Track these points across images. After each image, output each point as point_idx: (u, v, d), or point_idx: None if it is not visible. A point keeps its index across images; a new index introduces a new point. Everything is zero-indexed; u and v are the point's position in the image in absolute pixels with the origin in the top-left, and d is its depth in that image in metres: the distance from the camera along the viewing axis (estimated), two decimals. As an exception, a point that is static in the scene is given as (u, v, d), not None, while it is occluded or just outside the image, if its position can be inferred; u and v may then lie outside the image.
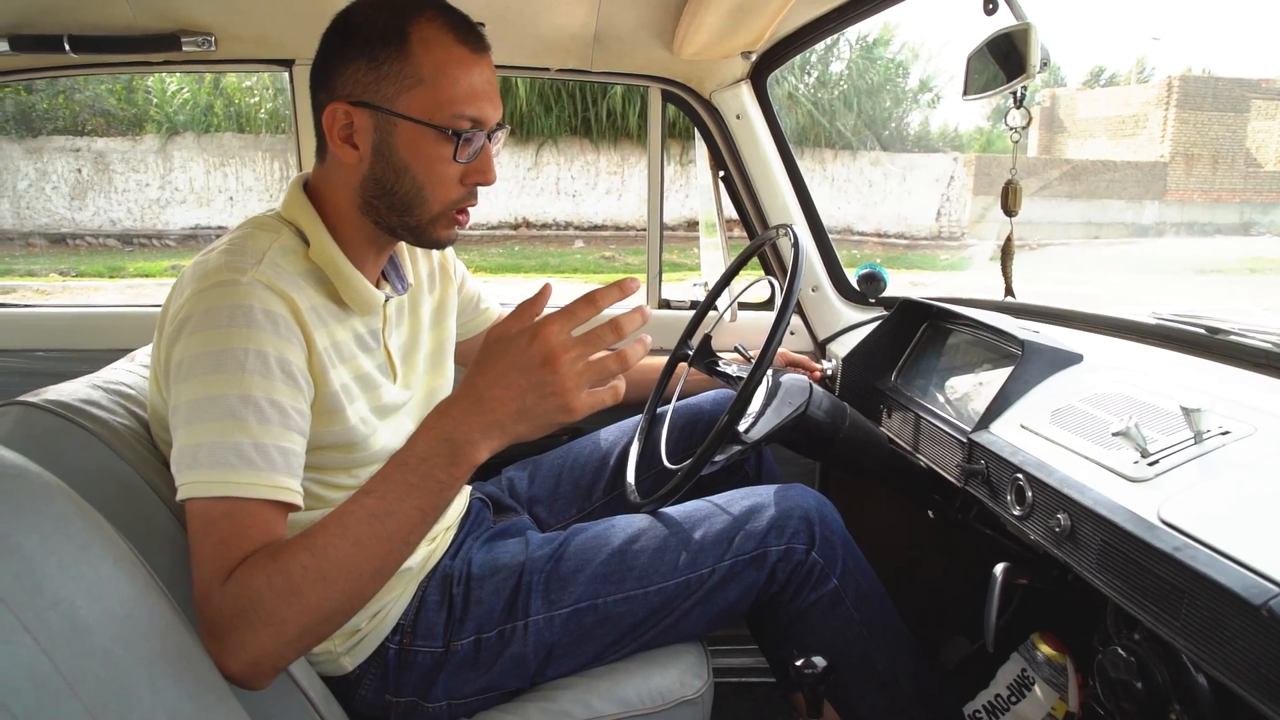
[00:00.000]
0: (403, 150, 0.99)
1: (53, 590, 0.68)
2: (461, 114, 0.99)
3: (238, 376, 0.89)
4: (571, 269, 11.47)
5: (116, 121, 12.21)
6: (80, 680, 0.66)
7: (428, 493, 0.85)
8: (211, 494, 0.86)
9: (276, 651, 0.82)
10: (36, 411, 1.00)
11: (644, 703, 1.15)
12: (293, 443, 0.92)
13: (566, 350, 0.81)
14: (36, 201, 11.69)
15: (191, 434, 0.88)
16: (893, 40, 14.95)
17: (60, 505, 0.74)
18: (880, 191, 13.71)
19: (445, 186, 1.02)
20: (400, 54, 0.97)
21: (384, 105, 0.98)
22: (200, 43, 1.49)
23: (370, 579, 0.85)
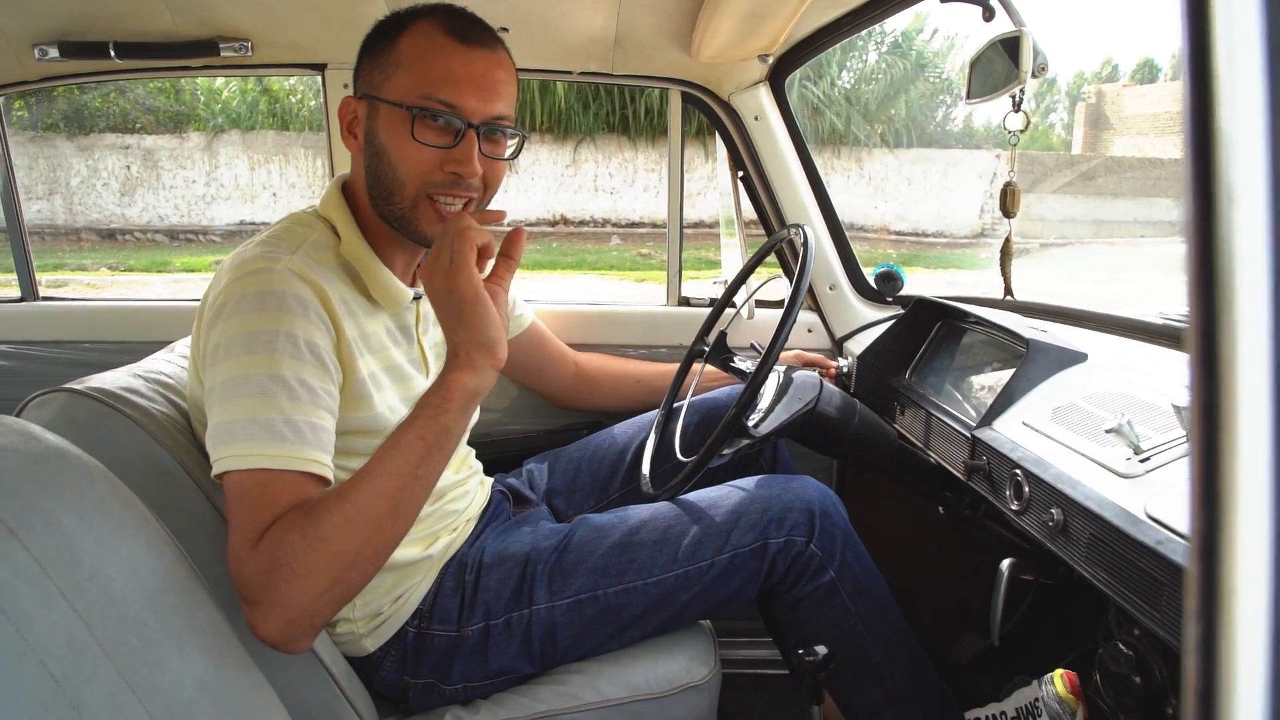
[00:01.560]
0: (381, 133, 1.05)
1: (90, 563, 0.73)
2: (431, 95, 1.02)
3: (269, 356, 0.93)
4: (608, 265, 11.49)
5: (165, 119, 12.49)
6: (114, 647, 0.71)
7: (425, 420, 0.93)
8: (246, 466, 0.91)
9: (309, 605, 0.86)
10: (81, 398, 1.06)
11: (651, 688, 1.18)
12: (322, 420, 0.96)
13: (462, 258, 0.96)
14: (88, 197, 12.00)
15: (226, 411, 0.93)
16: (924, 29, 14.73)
17: (99, 486, 0.80)
18: (920, 189, 13.54)
19: (417, 168, 1.04)
20: (389, 45, 1.04)
21: (372, 92, 1.05)
22: (237, 48, 1.55)
23: (388, 518, 0.91)
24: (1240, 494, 0.22)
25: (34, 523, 0.70)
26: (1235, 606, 0.22)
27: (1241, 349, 0.21)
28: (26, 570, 0.68)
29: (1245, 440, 0.22)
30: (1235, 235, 0.21)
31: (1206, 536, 0.22)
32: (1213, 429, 0.22)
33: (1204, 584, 0.22)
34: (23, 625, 0.65)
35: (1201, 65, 0.22)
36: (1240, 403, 0.22)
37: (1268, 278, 0.21)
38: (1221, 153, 0.21)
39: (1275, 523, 0.22)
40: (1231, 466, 0.22)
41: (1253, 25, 0.21)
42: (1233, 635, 0.22)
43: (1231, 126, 0.21)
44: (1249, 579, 0.22)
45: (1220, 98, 0.21)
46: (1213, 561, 0.22)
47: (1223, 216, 0.21)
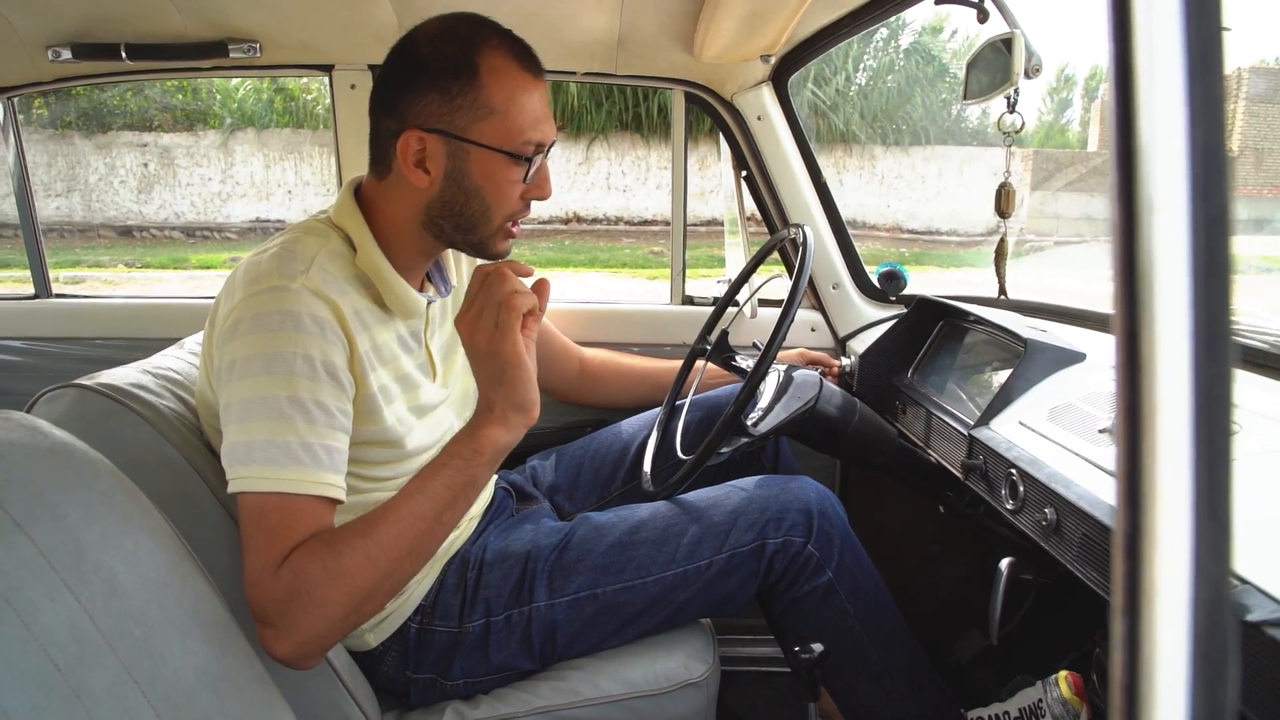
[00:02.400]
0: (475, 175, 1.06)
1: (94, 556, 0.75)
2: (529, 139, 1.05)
3: (286, 379, 0.95)
4: (621, 264, 11.50)
5: (181, 117, 12.59)
6: (117, 637, 0.73)
7: (454, 469, 0.96)
8: (262, 489, 0.93)
9: (325, 631, 0.90)
10: (90, 394, 1.08)
11: (650, 684, 1.19)
12: (337, 441, 0.98)
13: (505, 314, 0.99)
14: (105, 195, 12.10)
15: (243, 431, 0.95)
16: (943, 28, 14.66)
17: (104, 480, 0.82)
18: (934, 187, 13.45)
19: (509, 205, 1.09)
20: (472, 86, 1.03)
21: (459, 134, 1.04)
22: (246, 49, 1.57)
23: (408, 557, 0.95)
24: (1160, 494, 0.22)
25: (40, 515, 0.72)
26: (1156, 603, 0.23)
27: (1161, 353, 0.22)
28: (32, 562, 0.70)
29: (1165, 441, 0.22)
30: (1155, 243, 0.22)
31: (1130, 535, 0.23)
32: (1135, 430, 0.23)
33: (1128, 581, 0.23)
34: (27, 615, 0.67)
35: (1125, 79, 0.22)
36: (1160, 405, 0.22)
37: (1187, 284, 0.22)
38: (1142, 164, 0.22)
39: (1195, 521, 0.23)
40: (1153, 467, 0.22)
41: (1173, 39, 0.22)
42: (1154, 631, 0.23)
43: (1151, 138, 0.22)
44: (1170, 577, 0.23)
45: (1140, 110, 0.22)
46: (1136, 559, 0.23)
47: (1143, 225, 0.22)
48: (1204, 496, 0.22)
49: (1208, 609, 0.23)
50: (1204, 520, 0.22)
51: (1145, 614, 0.23)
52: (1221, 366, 0.23)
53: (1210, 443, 0.23)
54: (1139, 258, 0.22)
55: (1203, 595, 0.23)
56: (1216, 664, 0.23)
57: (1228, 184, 0.23)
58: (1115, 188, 0.23)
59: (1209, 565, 0.23)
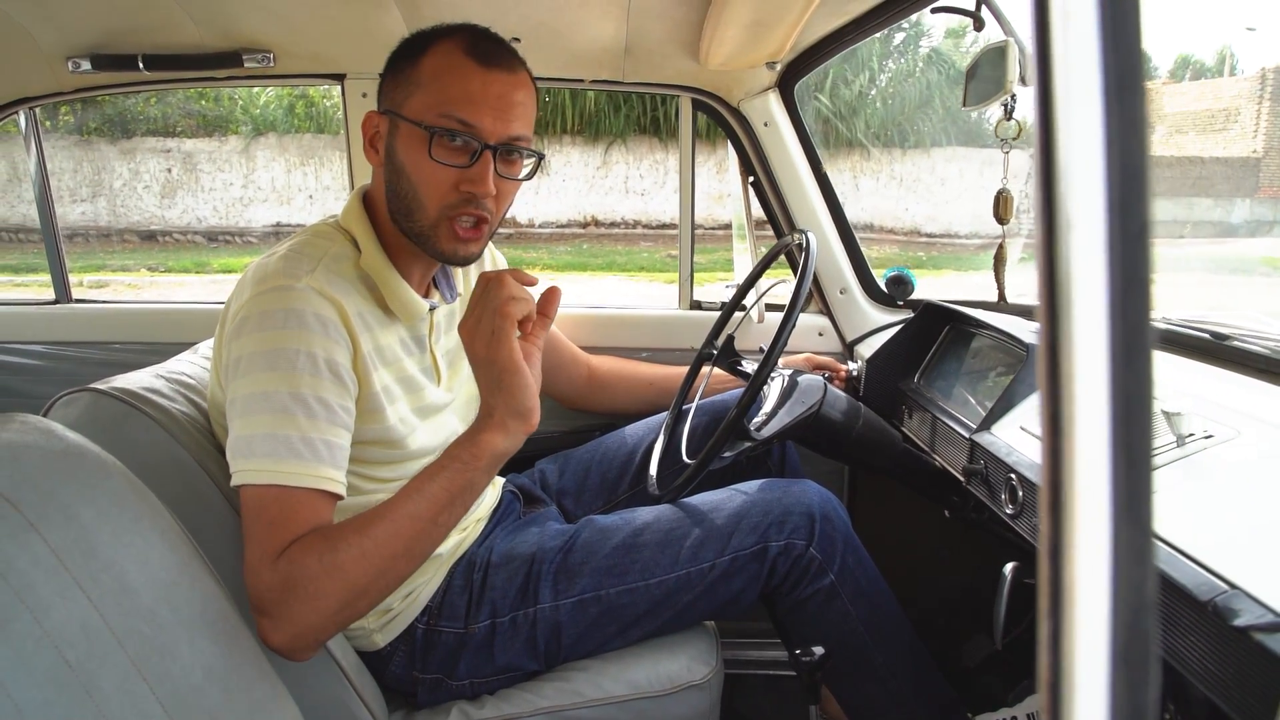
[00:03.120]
0: (400, 150, 1.07)
1: (105, 555, 0.77)
2: (450, 114, 1.04)
3: (289, 375, 0.97)
4: (638, 267, 11.49)
5: (204, 123, 12.73)
6: (127, 635, 0.75)
7: (452, 472, 0.97)
8: (262, 481, 0.95)
9: (318, 624, 0.92)
10: (104, 398, 1.10)
11: (653, 686, 1.20)
12: (338, 437, 1.00)
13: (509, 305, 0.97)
14: (129, 200, 12.22)
15: (246, 425, 0.97)
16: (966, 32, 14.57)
17: (116, 482, 0.84)
18: (954, 189, 13.35)
19: (436, 189, 1.06)
20: (412, 64, 1.06)
21: (393, 109, 1.07)
22: (260, 59, 1.60)
23: (402, 557, 0.95)
24: (1080, 501, 0.23)
25: (53, 516, 0.74)
26: (1077, 606, 0.23)
27: (1079, 366, 0.23)
28: (45, 561, 0.72)
29: (1084, 450, 0.23)
30: (1073, 259, 0.23)
31: (1053, 540, 0.24)
32: (1057, 439, 0.24)
33: (1051, 584, 0.24)
34: (40, 613, 0.69)
35: (1045, 102, 0.23)
36: (1079, 415, 0.23)
37: (1104, 298, 0.23)
38: (1060, 183, 0.23)
39: (1114, 527, 0.24)
40: (1072, 475, 0.23)
41: (1090, 63, 0.23)
42: (1074, 633, 0.23)
43: (1069, 158, 0.23)
44: (1090, 580, 0.24)
45: (1059, 132, 0.23)
46: (1058, 563, 0.24)
47: (1062, 242, 0.23)
48: (1123, 503, 0.23)
49: (1129, 612, 0.24)
50: (1123, 526, 0.23)
51: (1066, 616, 0.24)
52: (1141, 377, 0.23)
53: (1129, 451, 0.23)
54: (1058, 273, 0.23)
55: (1123, 598, 0.24)
56: (1138, 665, 0.24)
57: (1148, 200, 0.24)
58: (1038, 206, 0.24)
59: (1130, 569, 0.24)
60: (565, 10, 1.43)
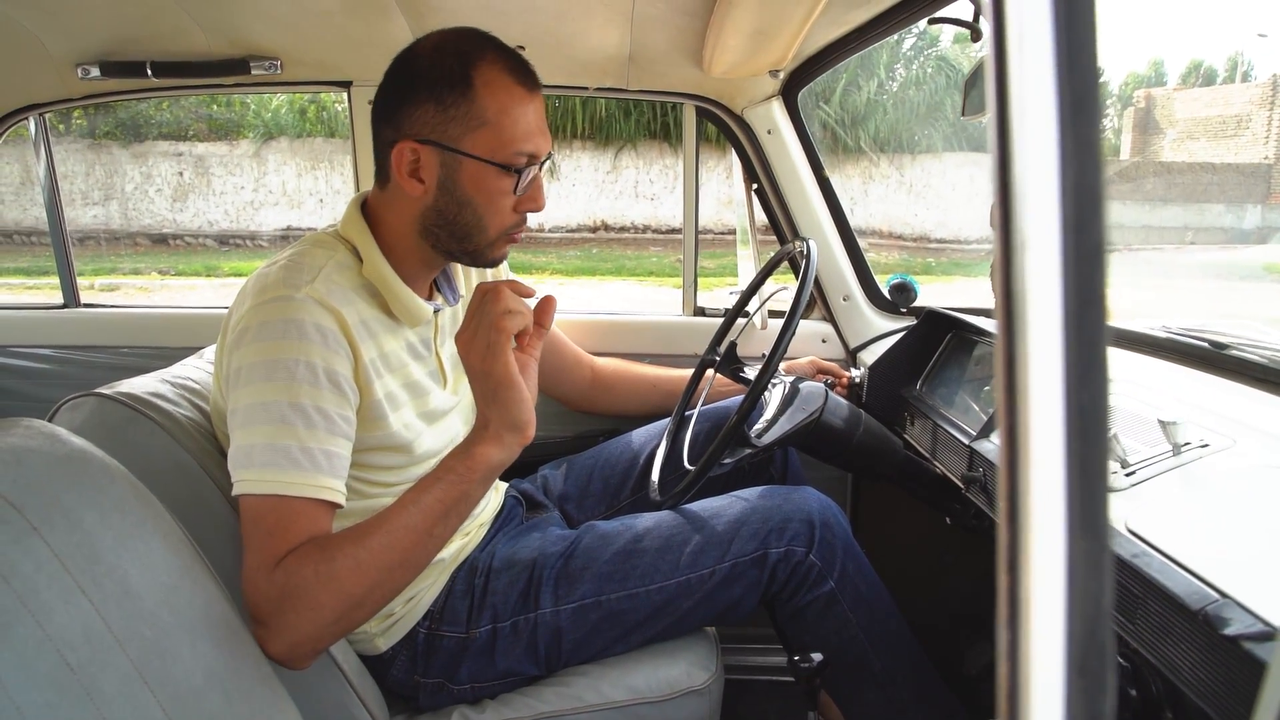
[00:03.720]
0: (466, 185, 1.08)
1: (108, 559, 0.78)
2: (521, 151, 1.07)
3: (288, 385, 0.98)
4: (647, 272, 11.50)
5: (216, 127, 12.80)
6: (128, 638, 0.76)
7: (447, 484, 0.97)
8: (261, 491, 0.96)
9: (315, 634, 0.93)
10: (110, 403, 1.11)
11: (653, 691, 1.20)
12: (337, 446, 1.01)
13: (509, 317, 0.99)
14: (141, 203, 12.30)
15: (246, 436, 0.98)
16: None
17: (119, 487, 0.85)
18: (964, 194, 13.31)
19: (502, 216, 1.10)
20: (466, 97, 1.05)
21: (451, 144, 1.06)
22: (267, 66, 1.62)
23: (398, 568, 0.96)
24: (1035, 513, 0.24)
25: (56, 520, 0.75)
26: (1032, 616, 0.24)
27: (1034, 380, 0.24)
28: (48, 565, 0.73)
29: (1039, 464, 0.24)
30: (1028, 278, 0.24)
31: (1010, 551, 0.24)
32: (1015, 453, 0.24)
33: (1009, 594, 0.24)
34: (42, 616, 0.70)
35: (1002, 123, 0.24)
36: (1034, 429, 0.24)
37: (1059, 316, 0.24)
38: (1016, 203, 0.24)
39: (1069, 538, 0.24)
40: (1028, 488, 0.24)
41: (1046, 86, 0.24)
42: (1029, 643, 0.24)
43: (1024, 179, 0.24)
44: (1045, 591, 0.24)
45: (1014, 153, 0.24)
46: (1015, 574, 0.24)
47: (1017, 261, 0.24)
48: (1078, 515, 0.24)
49: (1084, 622, 0.24)
50: (1078, 537, 0.24)
51: (1023, 626, 0.24)
52: (1096, 392, 0.24)
53: (1084, 464, 0.24)
54: (1014, 291, 0.24)
55: (1079, 609, 0.24)
56: (1094, 675, 0.24)
57: (1102, 221, 0.24)
58: (998, 225, 0.25)
59: (1086, 580, 0.24)
60: (569, 18, 1.44)
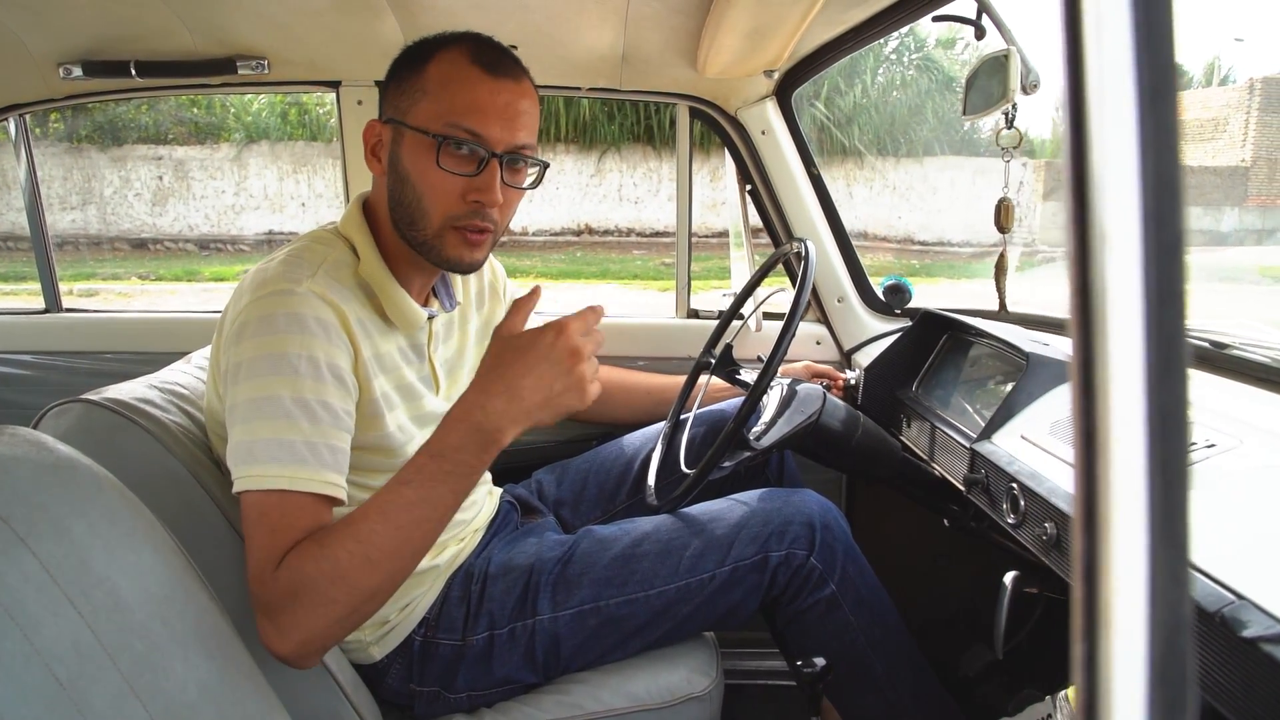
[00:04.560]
0: (405, 159, 1.06)
1: (98, 570, 0.76)
2: (457, 124, 1.03)
3: (292, 379, 0.96)
4: (632, 275, 11.50)
5: (196, 130, 12.69)
6: (119, 651, 0.73)
7: (460, 477, 0.94)
8: (265, 487, 0.94)
9: (326, 630, 0.91)
10: (96, 409, 1.09)
11: (653, 698, 1.19)
12: (341, 441, 0.99)
13: (585, 347, 0.93)
14: (120, 207, 12.15)
15: (248, 431, 0.96)
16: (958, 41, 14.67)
17: (108, 495, 0.83)
18: (946, 198, 13.41)
19: (442, 197, 1.06)
20: (415, 72, 1.06)
21: (396, 118, 1.06)
22: (254, 66, 1.59)
23: (410, 558, 0.94)
24: (1116, 520, 0.23)
25: (43, 531, 0.73)
26: (1113, 628, 0.23)
27: (1115, 381, 0.22)
28: (35, 577, 0.70)
29: (1119, 468, 0.23)
30: (1108, 272, 0.23)
31: (1087, 560, 0.23)
32: (1091, 457, 0.23)
33: (1086, 605, 0.23)
34: (30, 630, 0.68)
35: (1077, 110, 0.23)
36: (1114, 432, 0.23)
37: (1140, 312, 0.22)
38: (1094, 194, 0.23)
39: (1151, 547, 0.23)
40: (1108, 493, 0.23)
41: (1124, 69, 0.23)
42: (1111, 655, 0.23)
43: (1103, 168, 0.22)
44: (1126, 602, 0.23)
45: (1092, 141, 0.22)
46: (1093, 584, 0.23)
47: (1096, 255, 0.23)
48: (1159, 522, 0.23)
49: (1165, 633, 0.23)
50: (1160, 546, 0.23)
51: (1103, 638, 0.23)
52: (1176, 394, 0.23)
53: (1165, 469, 0.23)
54: (1092, 287, 0.23)
55: (1160, 619, 0.23)
56: (1175, 687, 0.23)
57: (1182, 212, 0.23)
58: (1070, 218, 0.23)
59: (1166, 590, 0.23)
60: (563, 18, 1.43)
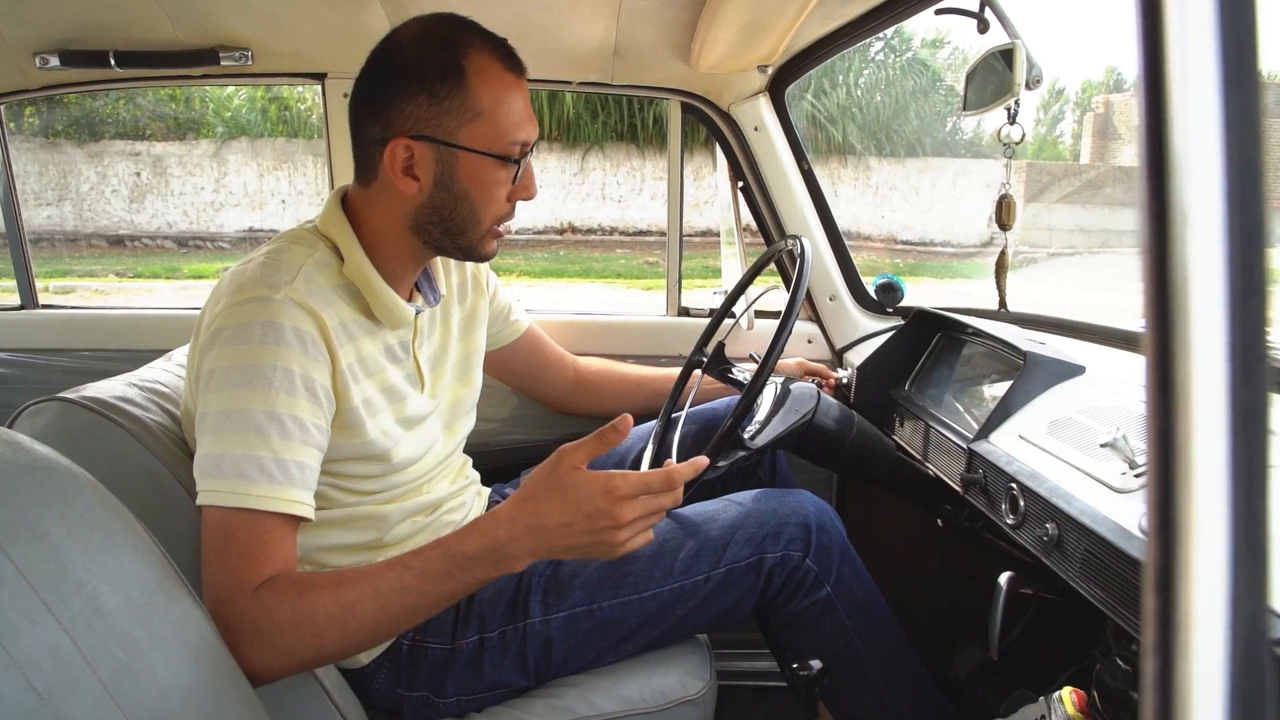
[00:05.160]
0: (464, 180, 1.05)
1: (76, 575, 0.73)
2: (515, 140, 1.05)
3: (265, 392, 0.95)
4: (615, 274, 11.49)
5: (175, 126, 12.55)
6: (99, 659, 0.71)
7: (463, 585, 0.95)
8: (231, 504, 0.93)
9: (281, 670, 0.91)
10: (74, 407, 1.06)
11: (646, 701, 1.17)
12: (310, 458, 0.98)
13: (631, 516, 0.92)
14: (97, 204, 12.01)
15: (217, 443, 0.95)
16: (945, 43, 14.78)
17: (87, 497, 0.80)
18: (928, 199, 13.51)
19: (497, 207, 1.09)
20: (460, 89, 1.02)
21: (447, 139, 1.03)
22: (238, 57, 1.56)
23: (386, 636, 0.97)
24: (1196, 525, 0.21)
25: (20, 534, 0.70)
26: (1192, 641, 0.21)
27: (1196, 376, 0.21)
28: (11, 582, 0.68)
29: (1200, 469, 0.21)
30: (1189, 258, 0.21)
31: (1162, 568, 0.21)
32: (1168, 457, 0.21)
33: (1160, 617, 0.22)
34: (6, 638, 0.65)
35: (1156, 87, 0.21)
36: (1195, 431, 0.21)
37: (1223, 302, 0.21)
38: (1175, 175, 0.21)
39: (1233, 553, 0.21)
40: (1188, 496, 0.21)
41: (1208, 47, 0.21)
42: (1189, 670, 0.21)
43: (1185, 148, 0.21)
44: (1205, 613, 0.21)
45: (1174, 120, 0.21)
46: (1169, 594, 0.21)
47: (1176, 239, 0.21)
48: (1241, 528, 0.21)
49: (1245, 646, 0.21)
50: (1241, 553, 0.21)
51: (1180, 652, 0.21)
52: (1259, 391, 0.21)
53: (1248, 471, 0.21)
54: (1171, 274, 0.21)
55: (1240, 632, 0.21)
56: (1254, 704, 0.21)
57: (1264, 195, 0.21)
58: (1145, 200, 0.22)
59: (1246, 600, 0.21)
60: (554, 9, 1.40)
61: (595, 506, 0.92)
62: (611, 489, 0.92)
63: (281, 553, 0.95)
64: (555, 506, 0.92)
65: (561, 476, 0.94)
